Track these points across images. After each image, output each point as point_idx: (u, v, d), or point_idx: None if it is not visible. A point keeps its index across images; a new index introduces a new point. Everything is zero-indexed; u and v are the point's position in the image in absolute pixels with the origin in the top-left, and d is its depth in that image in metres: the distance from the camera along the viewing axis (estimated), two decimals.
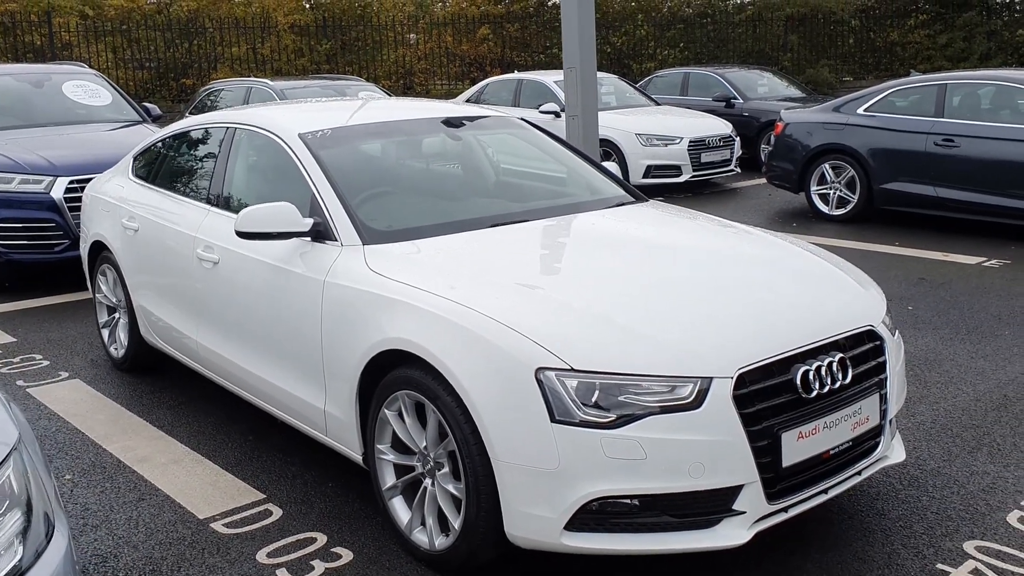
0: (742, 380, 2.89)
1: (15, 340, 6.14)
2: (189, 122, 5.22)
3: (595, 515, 2.89)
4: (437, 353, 3.08)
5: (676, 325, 3.06)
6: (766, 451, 2.89)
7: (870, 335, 3.33)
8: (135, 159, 5.51)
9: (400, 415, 3.32)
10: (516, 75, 14.06)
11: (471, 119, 4.91)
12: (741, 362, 2.91)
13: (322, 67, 16.48)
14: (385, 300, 3.36)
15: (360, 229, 3.75)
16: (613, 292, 3.27)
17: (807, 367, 3.03)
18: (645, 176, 11.75)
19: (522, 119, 5.07)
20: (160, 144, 5.32)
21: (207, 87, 12.54)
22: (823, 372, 3.06)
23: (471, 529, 3.07)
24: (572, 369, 2.83)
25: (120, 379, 5.36)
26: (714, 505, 2.89)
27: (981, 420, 4.45)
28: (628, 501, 2.87)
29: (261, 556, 3.40)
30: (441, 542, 3.22)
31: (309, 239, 3.82)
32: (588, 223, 4.09)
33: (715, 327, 3.07)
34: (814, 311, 3.30)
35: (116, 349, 5.50)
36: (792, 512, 3.05)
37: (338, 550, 3.43)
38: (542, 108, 12.39)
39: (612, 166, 4.90)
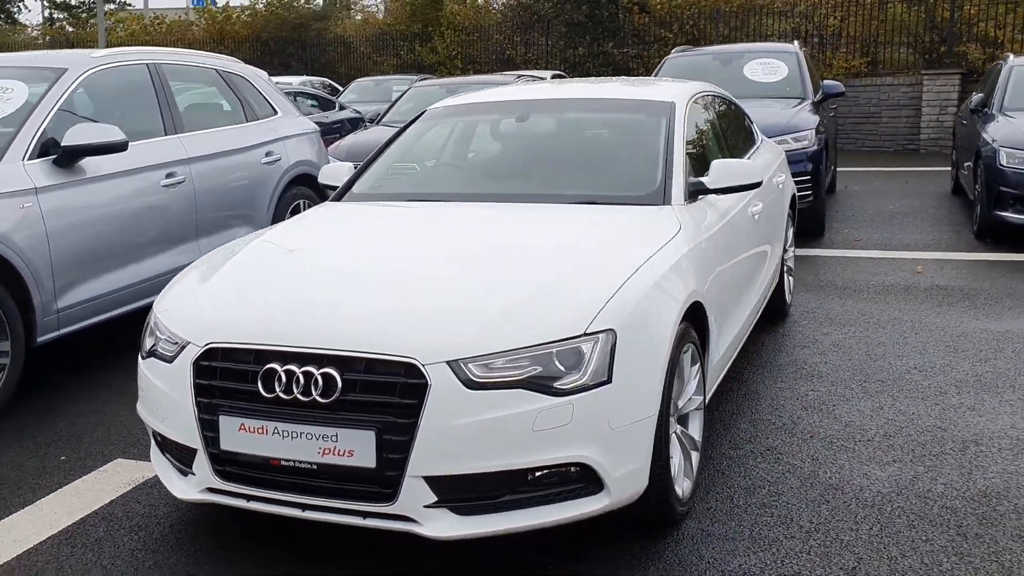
0: (216, 353, 3.08)
1: None
2: None
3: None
4: None
5: (268, 300, 3.27)
6: (209, 426, 3.06)
7: (410, 370, 2.84)
8: None
9: None
10: None
11: (591, 101, 4.98)
12: (217, 338, 3.09)
13: (922, 35, 16.19)
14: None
15: (341, 188, 4.61)
16: (323, 266, 3.56)
17: (277, 367, 2.95)
18: None
19: (673, 103, 4.46)
20: None
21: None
22: (296, 380, 2.92)
23: None
24: (156, 314, 3.45)
25: None
26: (181, 457, 3.23)
27: None
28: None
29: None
30: None
31: None
32: (508, 214, 4.02)
33: (289, 307, 3.17)
34: (375, 323, 3.00)
35: None
36: (256, 506, 3.08)
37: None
38: None
39: (727, 165, 4.10)
